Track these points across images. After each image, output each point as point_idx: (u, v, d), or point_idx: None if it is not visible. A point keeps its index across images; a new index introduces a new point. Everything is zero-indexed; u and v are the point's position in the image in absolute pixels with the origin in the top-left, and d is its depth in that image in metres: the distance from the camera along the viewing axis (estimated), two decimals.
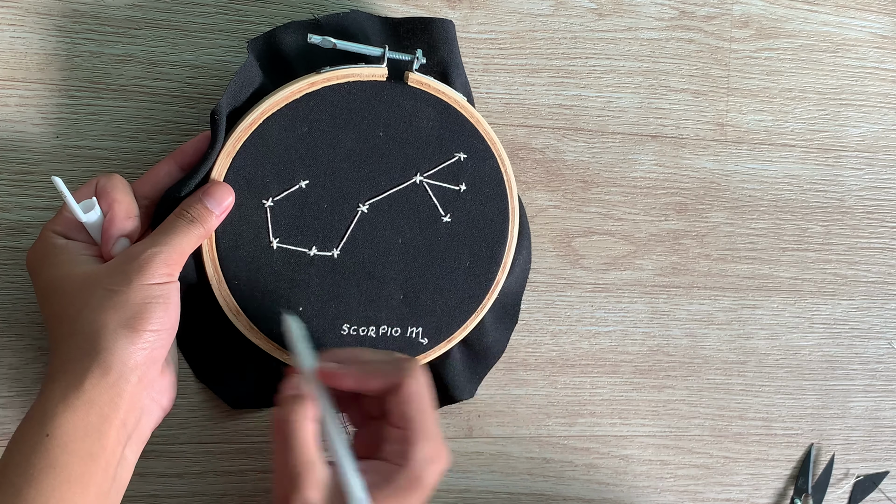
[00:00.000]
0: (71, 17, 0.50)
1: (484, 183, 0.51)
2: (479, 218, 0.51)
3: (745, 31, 0.62)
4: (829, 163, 0.64)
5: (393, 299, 0.50)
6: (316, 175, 0.48)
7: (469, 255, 0.51)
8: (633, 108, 0.60)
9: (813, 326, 0.65)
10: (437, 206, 0.50)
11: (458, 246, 0.51)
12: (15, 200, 0.49)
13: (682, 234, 0.61)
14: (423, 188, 0.50)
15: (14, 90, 0.49)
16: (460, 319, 0.52)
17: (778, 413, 0.64)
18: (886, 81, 0.65)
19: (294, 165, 0.48)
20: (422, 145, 0.50)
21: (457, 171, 0.51)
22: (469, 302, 0.52)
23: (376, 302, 0.50)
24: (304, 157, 0.48)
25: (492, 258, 0.52)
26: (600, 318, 0.60)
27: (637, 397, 0.61)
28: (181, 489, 0.52)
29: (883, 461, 0.67)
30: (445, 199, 0.50)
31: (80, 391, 0.38)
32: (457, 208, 0.51)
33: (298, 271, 0.48)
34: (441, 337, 0.51)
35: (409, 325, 0.50)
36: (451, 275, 0.51)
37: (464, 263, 0.51)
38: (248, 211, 0.47)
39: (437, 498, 0.57)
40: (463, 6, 0.56)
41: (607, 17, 0.59)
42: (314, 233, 0.48)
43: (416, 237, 0.50)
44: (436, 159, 0.50)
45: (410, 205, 0.50)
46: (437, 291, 0.51)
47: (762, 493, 0.64)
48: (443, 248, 0.51)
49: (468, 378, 0.55)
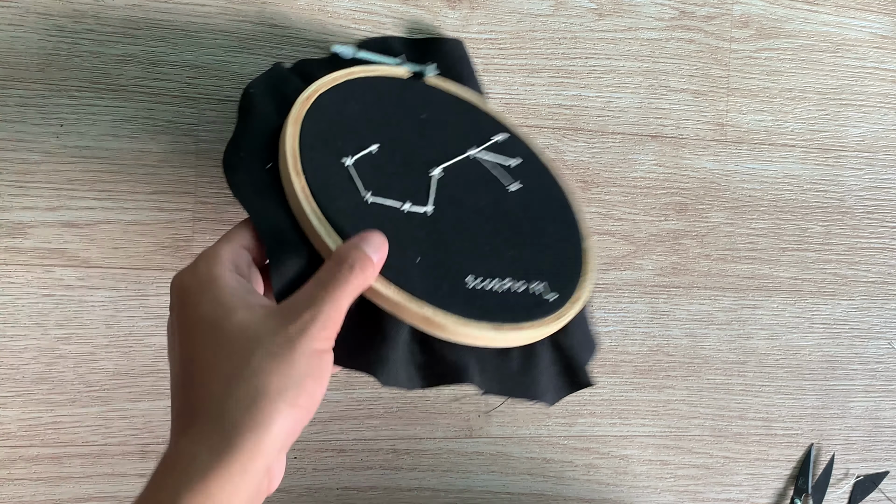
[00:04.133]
0: (71, 17, 0.50)
1: (530, 159, 0.52)
2: (541, 188, 0.51)
3: (745, 31, 0.62)
4: (829, 163, 0.64)
5: (504, 256, 0.47)
6: (383, 142, 0.48)
7: (549, 220, 0.50)
8: (633, 108, 0.60)
9: (813, 326, 0.65)
10: (498, 177, 0.50)
11: (535, 210, 0.50)
12: (15, 200, 0.49)
13: (682, 234, 0.61)
14: (478, 162, 0.51)
15: (14, 90, 0.49)
16: (575, 277, 0.48)
17: (778, 413, 0.64)
18: (886, 81, 0.65)
19: (360, 132, 0.48)
20: (462, 127, 0.51)
21: (503, 149, 0.52)
22: (573, 263, 0.49)
23: (489, 256, 0.46)
24: (366, 127, 0.49)
25: (569, 223, 0.50)
26: (600, 318, 0.60)
27: (637, 397, 0.61)
28: None
29: (883, 461, 0.67)
30: (502, 171, 0.51)
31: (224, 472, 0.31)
32: (517, 178, 0.51)
33: (400, 224, 0.45)
34: (567, 293, 0.47)
35: (532, 279, 0.47)
36: (543, 237, 0.49)
37: (548, 226, 0.50)
38: (332, 168, 0.46)
39: (438, 498, 0.57)
40: (463, 6, 0.56)
41: (607, 17, 0.59)
42: (402, 191, 0.47)
43: (496, 200, 0.49)
44: (479, 138, 0.51)
45: (475, 175, 0.50)
46: (540, 250, 0.48)
47: (762, 493, 0.64)
48: (523, 211, 0.49)
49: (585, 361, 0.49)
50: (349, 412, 0.55)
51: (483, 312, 0.43)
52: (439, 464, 0.57)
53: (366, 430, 0.55)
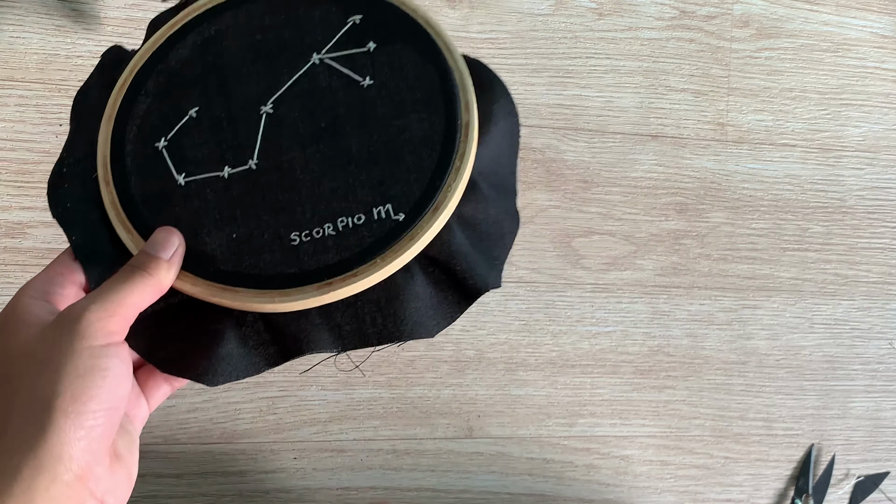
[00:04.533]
0: (71, 17, 0.50)
1: (395, 32, 0.44)
2: (407, 67, 0.44)
3: (745, 30, 0.62)
4: (830, 163, 0.64)
5: (339, 187, 0.42)
6: (204, 101, 0.45)
7: (413, 108, 0.43)
8: (634, 108, 0.60)
9: (813, 327, 0.65)
10: (351, 73, 0.43)
11: (394, 103, 0.43)
12: (15, 201, 0.49)
13: (682, 234, 0.61)
14: (326, 65, 0.44)
15: (14, 90, 0.49)
16: (437, 180, 0.41)
17: (778, 413, 0.64)
18: (887, 81, 0.65)
19: (177, 100, 0.45)
20: (307, 29, 0.45)
21: (357, 35, 0.44)
22: (440, 158, 0.42)
23: (323, 196, 0.42)
24: (185, 90, 0.45)
25: (445, 98, 0.43)
26: (600, 318, 0.60)
27: (637, 398, 0.61)
28: (180, 489, 0.52)
29: (883, 461, 0.67)
30: (357, 64, 0.44)
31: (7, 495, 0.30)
32: (375, 68, 0.44)
33: (218, 197, 0.42)
34: (421, 207, 0.41)
35: (373, 205, 0.41)
36: (400, 136, 0.43)
37: (411, 118, 0.43)
38: (147, 163, 0.44)
39: (438, 498, 0.57)
40: (463, 6, 0.56)
41: (607, 16, 0.59)
42: (222, 154, 0.43)
43: (341, 114, 0.43)
44: (328, 34, 0.45)
45: (320, 86, 0.44)
46: (392, 160, 0.42)
47: (763, 493, 0.64)
48: (377, 111, 0.43)
49: (486, 263, 0.43)
50: (349, 412, 0.55)
51: (309, 274, 0.40)
52: (439, 464, 0.57)
53: (366, 430, 0.55)
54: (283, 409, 0.53)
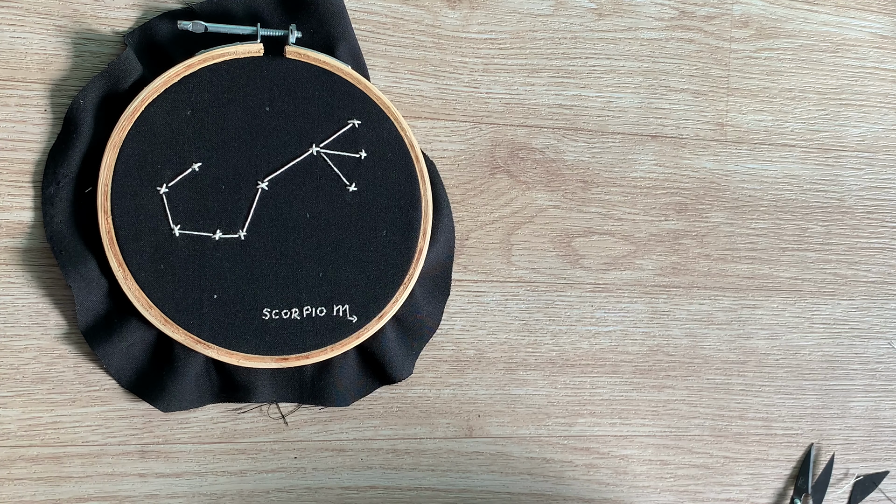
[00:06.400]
0: (71, 17, 0.50)
1: (385, 148, 0.50)
2: (387, 184, 0.50)
3: (745, 31, 0.62)
4: (829, 163, 0.64)
5: (312, 277, 0.48)
6: (208, 156, 0.47)
7: (384, 224, 0.50)
8: (633, 108, 0.60)
9: (813, 326, 0.65)
10: (340, 175, 0.49)
11: (371, 215, 0.49)
12: (16, 201, 0.49)
13: (682, 234, 0.61)
14: (322, 159, 0.49)
15: (14, 90, 0.49)
16: (388, 293, 0.50)
17: (778, 413, 0.64)
18: (886, 81, 0.65)
19: (183, 149, 0.47)
20: (312, 116, 0.49)
21: (354, 139, 0.49)
22: (394, 274, 0.50)
23: (295, 282, 0.48)
24: (193, 140, 0.47)
25: (409, 225, 0.50)
26: (600, 318, 0.60)
27: (637, 397, 0.61)
28: (181, 489, 0.53)
29: (883, 461, 0.67)
30: (347, 168, 0.49)
31: None
32: (361, 176, 0.49)
33: (206, 257, 0.47)
34: (371, 313, 0.49)
35: (335, 302, 0.49)
36: (369, 246, 0.49)
37: (380, 233, 0.49)
38: (143, 200, 0.46)
39: (438, 498, 0.57)
40: (463, 6, 0.56)
41: (607, 17, 0.59)
42: (216, 216, 0.47)
43: (325, 210, 0.49)
44: (329, 128, 0.49)
45: (312, 178, 0.49)
46: (358, 265, 0.49)
47: (762, 493, 0.64)
48: (355, 218, 0.49)
49: (405, 355, 0.53)
50: (349, 412, 0.55)
51: (270, 346, 0.48)
52: (439, 464, 0.57)
53: (366, 430, 0.55)
54: (283, 409, 0.53)
